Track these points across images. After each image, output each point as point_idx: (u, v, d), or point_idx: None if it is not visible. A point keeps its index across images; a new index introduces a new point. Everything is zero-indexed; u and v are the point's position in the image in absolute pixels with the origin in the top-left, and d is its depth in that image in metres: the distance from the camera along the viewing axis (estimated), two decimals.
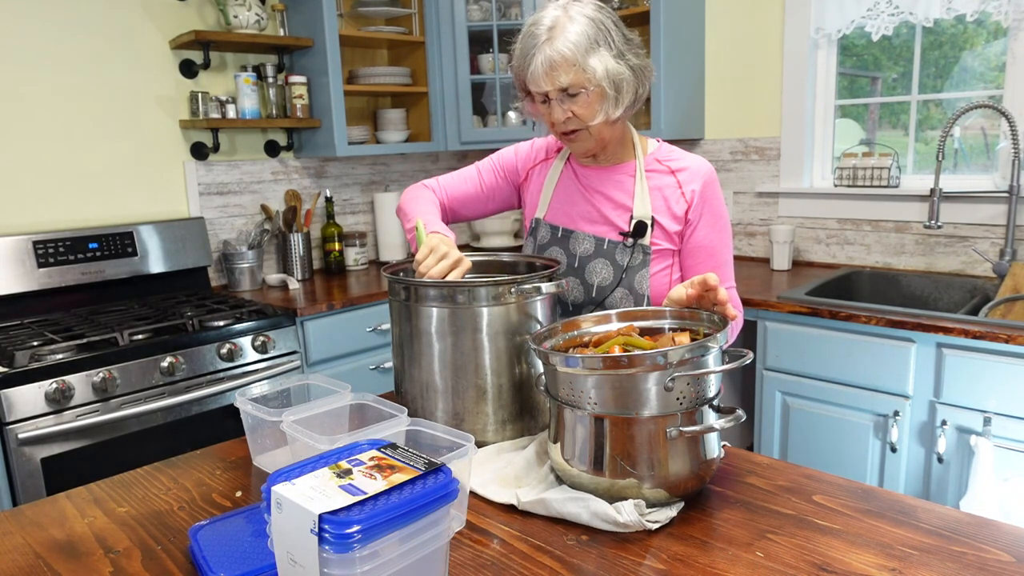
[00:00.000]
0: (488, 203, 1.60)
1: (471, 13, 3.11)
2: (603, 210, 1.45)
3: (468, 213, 1.62)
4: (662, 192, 1.42)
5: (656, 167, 1.44)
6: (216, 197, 2.89)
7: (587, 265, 1.43)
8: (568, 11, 1.29)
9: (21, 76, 2.42)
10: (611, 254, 1.42)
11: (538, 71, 1.28)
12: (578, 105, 1.31)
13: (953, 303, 2.46)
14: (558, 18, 1.28)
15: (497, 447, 1.21)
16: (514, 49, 1.35)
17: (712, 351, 0.99)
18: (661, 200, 1.42)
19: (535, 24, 1.30)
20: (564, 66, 1.27)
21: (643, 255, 1.40)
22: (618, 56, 1.30)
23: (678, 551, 0.91)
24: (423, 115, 3.22)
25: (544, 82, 1.29)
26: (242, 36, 2.68)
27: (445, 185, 1.58)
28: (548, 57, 1.27)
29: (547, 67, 1.27)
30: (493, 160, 1.60)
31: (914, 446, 2.09)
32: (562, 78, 1.28)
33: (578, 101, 1.31)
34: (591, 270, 1.43)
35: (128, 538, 0.99)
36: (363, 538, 0.65)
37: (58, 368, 1.95)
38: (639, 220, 1.40)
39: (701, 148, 3.14)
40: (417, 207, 1.47)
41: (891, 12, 2.54)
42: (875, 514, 0.98)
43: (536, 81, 1.30)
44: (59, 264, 2.43)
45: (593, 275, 1.43)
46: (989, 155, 2.54)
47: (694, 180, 1.42)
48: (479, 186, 1.58)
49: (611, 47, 1.30)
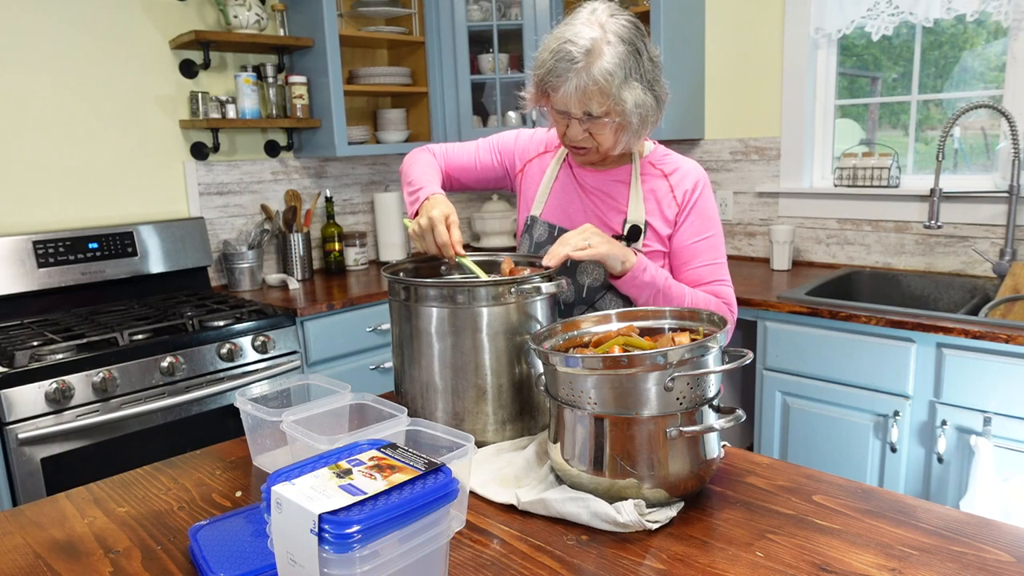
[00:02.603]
0: (480, 180, 1.61)
1: (471, 13, 3.11)
2: (599, 212, 1.45)
3: (463, 184, 1.62)
4: (655, 195, 1.43)
5: (650, 170, 1.45)
6: (216, 197, 2.89)
7: (579, 265, 1.44)
8: (606, 32, 1.25)
9: (21, 76, 2.42)
10: None
11: (570, 95, 1.26)
12: (597, 130, 1.31)
13: (953, 303, 2.46)
14: (596, 41, 1.24)
15: (497, 447, 1.21)
16: (539, 57, 1.31)
17: (712, 351, 0.99)
18: (654, 203, 1.42)
19: (571, 42, 1.24)
20: (598, 96, 1.25)
21: None
22: (647, 87, 1.29)
23: (678, 551, 0.91)
24: (423, 115, 3.22)
25: (574, 105, 1.28)
26: (242, 36, 2.68)
27: (446, 152, 1.59)
28: (584, 84, 1.24)
29: (580, 93, 1.25)
30: (493, 140, 1.60)
31: (914, 446, 2.09)
32: (593, 107, 1.27)
33: (599, 126, 1.30)
34: (582, 270, 1.43)
35: (128, 538, 0.99)
36: (363, 538, 0.65)
37: (58, 368, 1.95)
38: (633, 224, 1.41)
39: (701, 148, 3.14)
40: (418, 170, 1.48)
41: (891, 12, 2.54)
42: (875, 514, 0.97)
43: (566, 102, 1.28)
44: (59, 264, 2.43)
45: (584, 275, 1.44)
46: (989, 155, 2.53)
47: (685, 182, 1.42)
48: (474, 161, 1.59)
49: (643, 78, 1.28)
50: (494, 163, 1.59)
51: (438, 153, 1.59)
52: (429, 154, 1.57)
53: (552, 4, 3.01)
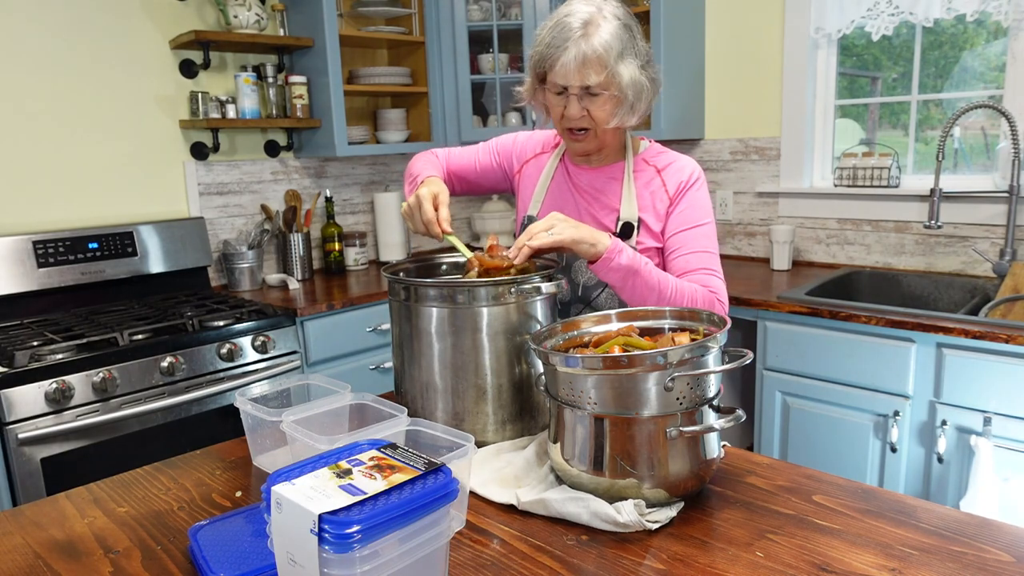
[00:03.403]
0: (480, 181, 1.63)
1: (471, 13, 3.11)
2: (591, 210, 1.45)
3: (464, 187, 1.64)
4: (648, 190, 1.43)
5: (643, 167, 1.45)
6: (216, 197, 2.89)
7: (573, 264, 1.44)
8: (602, 11, 1.29)
9: (21, 76, 2.42)
10: None
11: (569, 64, 1.27)
12: (596, 106, 1.31)
13: (953, 303, 2.46)
14: (593, 15, 1.27)
15: (497, 447, 1.21)
16: (538, 35, 1.33)
17: (712, 351, 0.99)
18: (648, 199, 1.43)
19: (568, 16, 1.29)
20: (596, 65, 1.27)
21: None
22: (642, 67, 1.31)
23: (678, 551, 0.91)
24: (423, 115, 3.22)
25: (573, 76, 1.28)
26: (242, 36, 2.68)
27: (449, 157, 1.62)
28: (583, 52, 1.26)
29: (579, 62, 1.26)
30: (492, 143, 1.62)
31: (914, 446, 2.09)
32: (592, 77, 1.27)
33: (597, 102, 1.31)
34: (577, 269, 1.44)
35: (128, 538, 0.99)
36: (363, 538, 0.65)
37: (58, 368, 1.95)
38: (626, 221, 1.41)
39: (701, 148, 3.14)
40: (419, 166, 1.54)
41: (891, 12, 2.54)
42: (875, 514, 0.97)
43: (565, 73, 1.29)
44: (59, 264, 2.43)
45: (580, 274, 1.44)
46: (989, 155, 2.53)
47: (678, 176, 1.42)
48: (474, 164, 1.61)
49: (637, 56, 1.30)
50: (493, 164, 1.60)
51: (440, 155, 1.62)
52: (432, 155, 1.61)
53: (552, 4, 3.02)
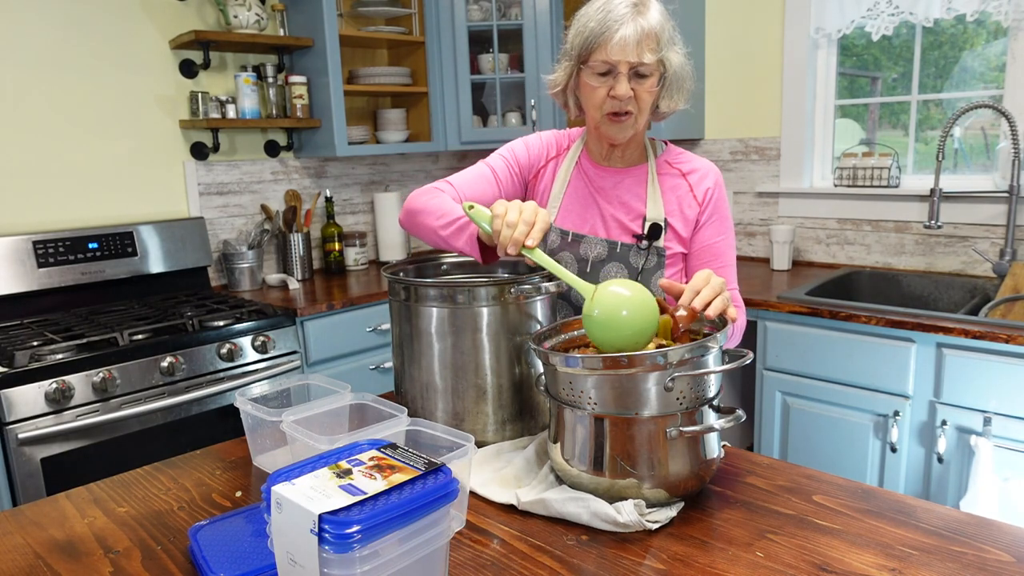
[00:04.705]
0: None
1: (471, 13, 3.10)
2: (615, 213, 1.42)
3: None
4: (675, 194, 1.41)
5: (667, 170, 1.43)
6: (216, 197, 2.89)
7: (600, 269, 1.40)
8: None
9: (21, 76, 2.42)
10: (624, 257, 1.39)
11: (628, 38, 1.25)
12: (643, 87, 1.30)
13: (953, 303, 2.46)
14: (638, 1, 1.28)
15: (497, 447, 1.21)
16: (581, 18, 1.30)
17: (712, 351, 0.99)
18: (675, 203, 1.41)
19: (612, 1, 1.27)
20: (652, 43, 1.27)
21: (658, 257, 1.38)
22: (686, 56, 1.33)
23: (678, 551, 0.91)
24: (423, 115, 3.22)
25: (631, 51, 1.26)
26: (242, 36, 2.68)
27: (460, 186, 1.41)
28: (641, 27, 1.25)
29: (639, 36, 1.25)
30: (505, 157, 1.47)
31: (914, 446, 2.09)
32: (647, 55, 1.26)
33: (644, 84, 1.30)
34: (605, 274, 1.39)
35: (128, 538, 0.99)
36: (363, 538, 0.65)
37: (58, 368, 1.95)
38: (653, 222, 1.38)
39: (701, 148, 3.14)
40: (441, 202, 1.34)
41: (891, 12, 2.54)
42: (875, 514, 0.97)
43: (623, 48, 1.26)
44: (59, 264, 2.43)
45: (606, 279, 1.39)
46: (989, 155, 2.53)
47: (705, 182, 1.42)
48: (497, 187, 1.44)
49: (679, 44, 1.33)
50: (513, 179, 1.48)
51: (451, 189, 1.41)
52: (442, 192, 1.39)
53: (552, 4, 3.01)
